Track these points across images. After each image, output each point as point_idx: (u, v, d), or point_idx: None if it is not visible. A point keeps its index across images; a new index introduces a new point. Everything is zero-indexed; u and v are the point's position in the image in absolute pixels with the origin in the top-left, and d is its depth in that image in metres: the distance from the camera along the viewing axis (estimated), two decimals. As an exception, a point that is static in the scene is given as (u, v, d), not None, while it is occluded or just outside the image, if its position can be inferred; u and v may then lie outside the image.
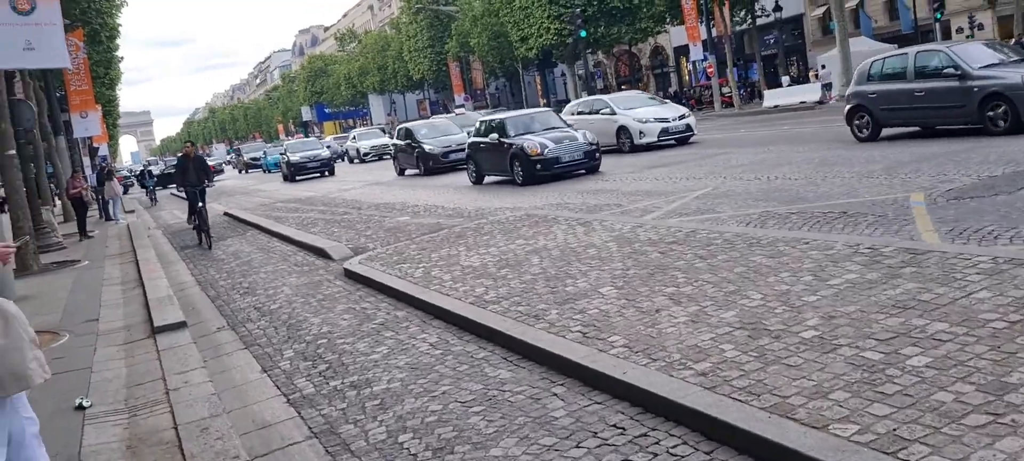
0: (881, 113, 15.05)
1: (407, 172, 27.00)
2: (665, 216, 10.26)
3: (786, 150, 15.95)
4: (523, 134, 18.12)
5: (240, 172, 60.92)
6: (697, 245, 7.28)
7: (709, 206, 10.45)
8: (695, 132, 21.77)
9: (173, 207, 31.04)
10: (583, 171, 17.62)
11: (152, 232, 20.46)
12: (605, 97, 24.91)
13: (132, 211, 28.00)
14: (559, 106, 67.98)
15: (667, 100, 29.11)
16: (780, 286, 5.62)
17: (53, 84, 30.25)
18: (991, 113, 13.09)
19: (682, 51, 63.43)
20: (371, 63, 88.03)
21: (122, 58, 42.25)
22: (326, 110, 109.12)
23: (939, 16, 36.29)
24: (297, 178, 34.40)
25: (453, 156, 24.31)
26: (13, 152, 14.81)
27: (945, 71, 13.77)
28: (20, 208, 14.79)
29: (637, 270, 6.85)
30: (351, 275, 9.68)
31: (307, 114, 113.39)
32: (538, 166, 17.22)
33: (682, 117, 21.82)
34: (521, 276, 7.49)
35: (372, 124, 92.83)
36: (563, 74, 70.30)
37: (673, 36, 61.61)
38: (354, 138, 45.95)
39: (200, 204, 15.60)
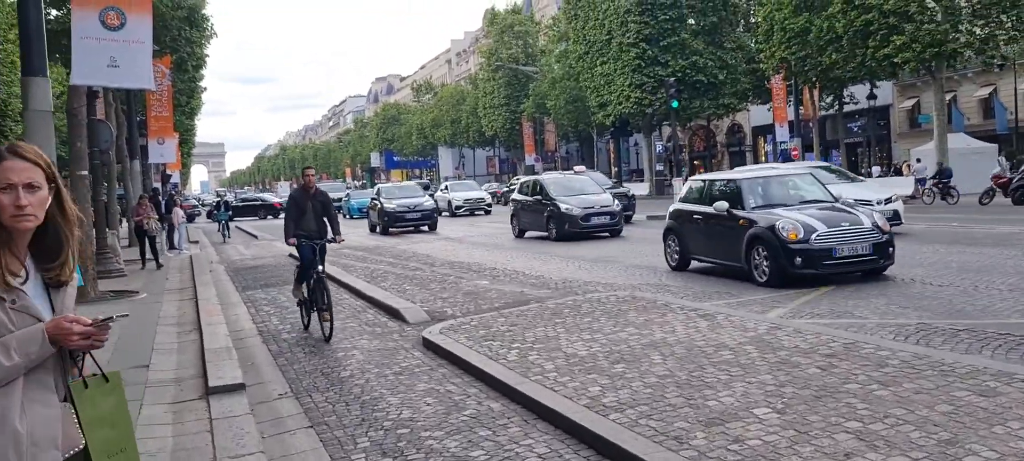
0: None
1: (528, 233, 23.24)
2: (792, 314, 8.92)
3: (903, 246, 14.46)
4: (767, 207, 12.23)
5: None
6: (866, 364, 5.95)
7: (843, 308, 9.09)
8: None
9: (240, 242, 30.54)
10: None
11: (214, 267, 19.73)
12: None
13: (196, 241, 27.48)
14: (631, 176, 66.74)
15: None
16: (1017, 442, 4.29)
17: (135, 107, 30.21)
18: None
19: (760, 131, 62.08)
20: (444, 115, 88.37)
21: (205, 89, 42.51)
22: (395, 158, 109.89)
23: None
24: (391, 230, 28.79)
25: (595, 220, 21.41)
26: (86, 173, 14.20)
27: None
28: (84, 231, 14.09)
29: (795, 389, 5.55)
30: (431, 346, 8.54)
31: (376, 160, 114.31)
32: (798, 259, 10.99)
33: None
34: (644, 377, 6.25)
35: (440, 176, 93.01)
36: (636, 143, 69.33)
37: (753, 115, 60.32)
38: (446, 188, 43.33)
39: (320, 267, 9.96)
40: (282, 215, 52.12)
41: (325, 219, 10.32)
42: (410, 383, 7.27)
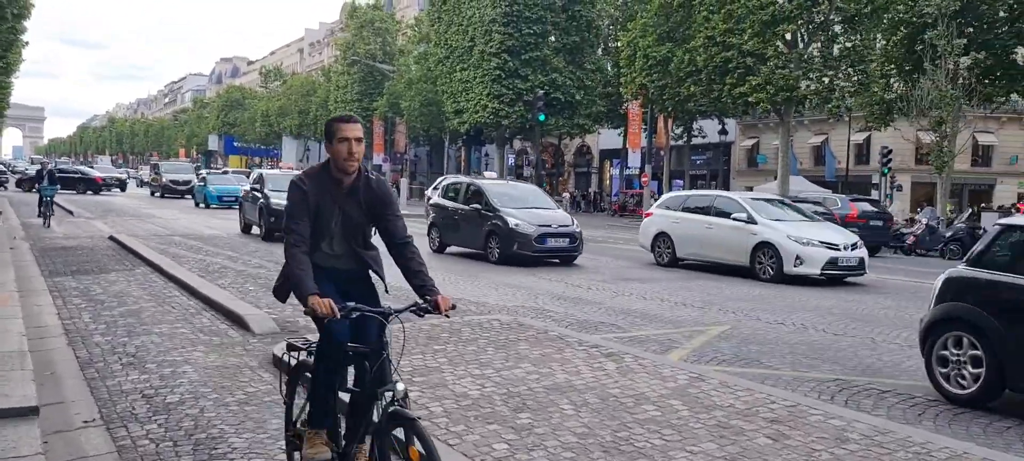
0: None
1: (451, 248, 18.94)
2: (696, 358, 8.09)
3: (741, 287, 14.16)
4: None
5: (153, 195, 47.59)
6: (823, 437, 5.08)
7: (749, 354, 8.34)
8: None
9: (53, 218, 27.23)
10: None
11: (17, 244, 17.09)
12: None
13: None
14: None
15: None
16: None
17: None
18: None
19: (607, 154, 63.10)
20: (292, 105, 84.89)
21: (26, 44, 38.15)
22: (235, 143, 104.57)
23: (886, 171, 36.34)
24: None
25: (551, 243, 16.77)
26: None
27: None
28: None
29: (750, 464, 4.59)
30: (283, 367, 7.08)
31: (214, 143, 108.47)
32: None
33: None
34: (556, 432, 5.13)
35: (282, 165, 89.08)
36: (487, 154, 68.89)
37: (602, 139, 61.15)
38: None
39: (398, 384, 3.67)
40: (104, 193, 48.08)
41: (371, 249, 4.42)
42: (259, 417, 5.84)
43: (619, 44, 47.39)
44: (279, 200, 18.80)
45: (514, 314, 10.26)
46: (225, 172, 51.68)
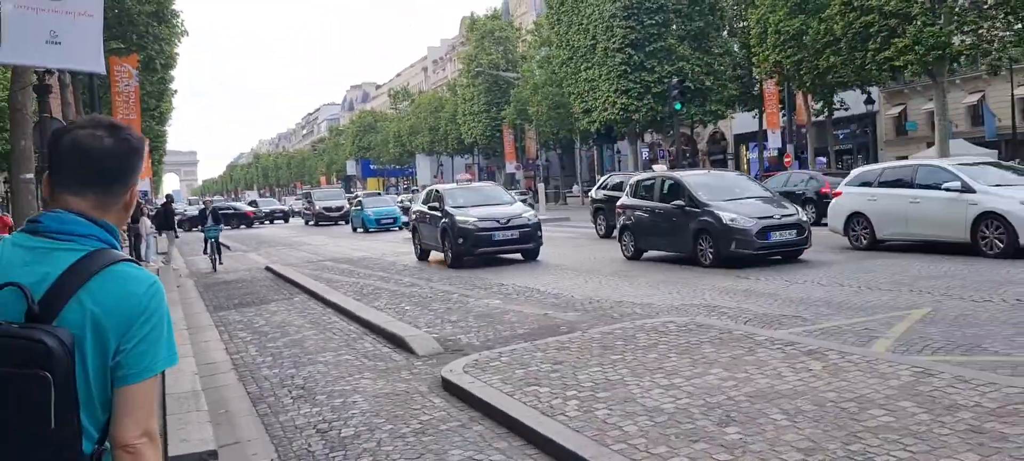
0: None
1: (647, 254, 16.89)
2: (904, 347, 7.20)
3: (927, 264, 12.81)
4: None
5: (308, 223, 48.14)
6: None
7: (965, 338, 7.35)
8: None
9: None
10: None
11: (182, 282, 17.75)
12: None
13: (164, 252, 25.30)
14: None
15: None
16: None
17: (100, 109, 28.10)
18: None
19: (742, 138, 60.85)
20: (422, 123, 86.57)
21: (176, 92, 40.34)
22: (371, 166, 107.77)
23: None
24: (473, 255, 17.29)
25: (776, 238, 14.42)
26: (30, 176, 12.22)
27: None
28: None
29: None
30: (455, 390, 6.72)
31: (352, 168, 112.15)
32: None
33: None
34: (776, 448, 4.49)
35: (418, 183, 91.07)
36: (619, 151, 67.84)
37: (736, 122, 59.03)
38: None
39: None
40: (256, 226, 50.13)
41: None
42: (439, 448, 5.45)
43: (747, 23, 45.57)
44: (466, 217, 17.26)
45: (685, 313, 9.60)
46: (377, 194, 52.58)
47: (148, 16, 25.48)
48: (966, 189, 13.66)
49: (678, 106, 37.06)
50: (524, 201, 27.51)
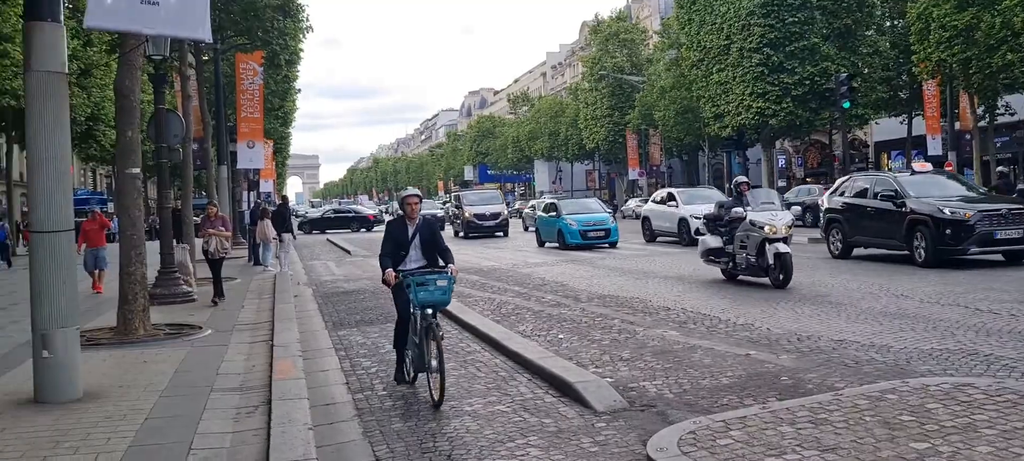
0: None
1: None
2: None
3: None
4: None
5: (458, 235, 35.62)
6: None
7: None
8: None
9: (331, 257, 27.29)
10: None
11: (300, 291, 16.27)
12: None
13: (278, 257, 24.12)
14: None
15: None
16: None
17: (223, 106, 27.42)
18: None
19: (884, 146, 56.20)
20: (542, 128, 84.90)
21: (299, 90, 39.80)
22: (489, 171, 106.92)
23: None
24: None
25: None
26: (136, 171, 10.84)
27: None
28: (134, 246, 10.72)
29: None
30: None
31: (470, 173, 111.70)
32: None
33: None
34: None
35: (535, 190, 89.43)
36: (744, 159, 64.01)
37: (878, 130, 54.54)
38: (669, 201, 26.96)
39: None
40: (377, 229, 49.17)
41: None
42: None
43: (903, 19, 41.66)
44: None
45: (945, 360, 7.17)
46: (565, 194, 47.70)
47: (273, 9, 24.46)
48: None
49: (846, 104, 33.54)
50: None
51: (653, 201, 28.95)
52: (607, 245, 24.93)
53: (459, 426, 6.30)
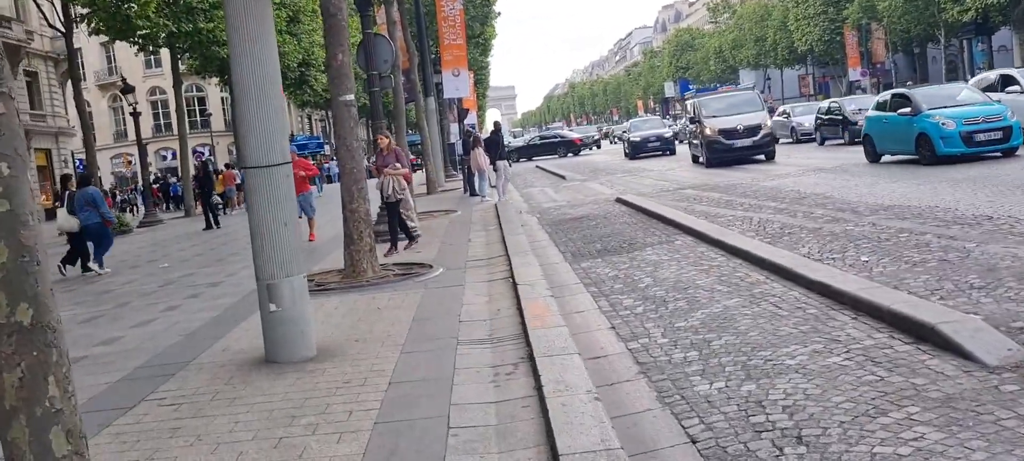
0: None
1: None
2: None
3: None
4: None
5: (698, 160, 24.94)
6: None
7: None
8: None
9: (547, 184, 26.20)
10: None
11: (525, 220, 15.12)
12: None
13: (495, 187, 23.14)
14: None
15: None
16: None
17: (426, 32, 26.73)
18: None
19: None
20: (747, 35, 79.59)
21: (499, 14, 38.73)
22: (690, 86, 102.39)
23: None
24: None
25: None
26: (351, 97, 9.86)
27: None
28: (355, 181, 9.81)
29: None
30: None
31: (670, 89, 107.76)
32: None
33: None
34: None
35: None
36: (989, 44, 56.23)
37: None
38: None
39: None
40: (584, 153, 47.29)
41: None
42: None
43: None
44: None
45: None
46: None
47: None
48: None
49: None
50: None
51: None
52: (999, 154, 15.62)
53: (789, 387, 4.66)
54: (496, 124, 22.19)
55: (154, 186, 37.99)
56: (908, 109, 16.53)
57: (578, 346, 5.80)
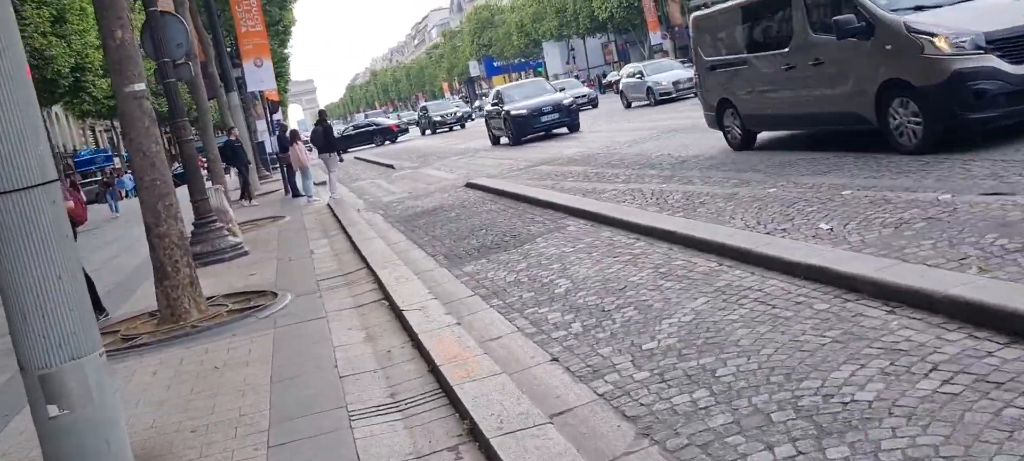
0: None
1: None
2: None
3: None
4: None
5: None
6: None
7: None
8: None
9: (376, 175, 23.96)
10: None
11: (372, 217, 13.03)
12: None
13: (322, 182, 20.68)
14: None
15: None
16: None
17: (220, 18, 23.76)
18: None
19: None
20: (547, 6, 79.82)
21: (296, 0, 35.80)
22: (495, 63, 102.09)
23: None
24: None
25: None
26: (141, 87, 7.45)
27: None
28: (160, 196, 7.44)
29: None
30: None
31: (475, 69, 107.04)
32: None
33: None
34: None
35: (548, 74, 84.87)
36: None
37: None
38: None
39: None
40: (401, 139, 44.47)
41: None
42: None
43: None
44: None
45: None
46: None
47: None
48: None
49: None
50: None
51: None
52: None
53: (906, 444, 3.07)
54: (322, 112, 19.75)
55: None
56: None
57: (522, 388, 3.99)
